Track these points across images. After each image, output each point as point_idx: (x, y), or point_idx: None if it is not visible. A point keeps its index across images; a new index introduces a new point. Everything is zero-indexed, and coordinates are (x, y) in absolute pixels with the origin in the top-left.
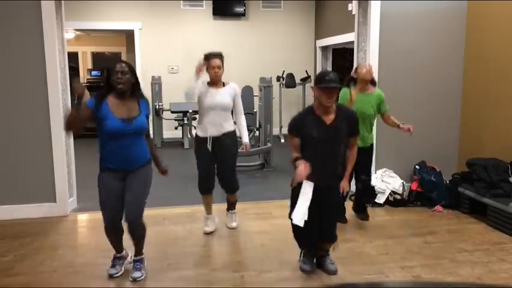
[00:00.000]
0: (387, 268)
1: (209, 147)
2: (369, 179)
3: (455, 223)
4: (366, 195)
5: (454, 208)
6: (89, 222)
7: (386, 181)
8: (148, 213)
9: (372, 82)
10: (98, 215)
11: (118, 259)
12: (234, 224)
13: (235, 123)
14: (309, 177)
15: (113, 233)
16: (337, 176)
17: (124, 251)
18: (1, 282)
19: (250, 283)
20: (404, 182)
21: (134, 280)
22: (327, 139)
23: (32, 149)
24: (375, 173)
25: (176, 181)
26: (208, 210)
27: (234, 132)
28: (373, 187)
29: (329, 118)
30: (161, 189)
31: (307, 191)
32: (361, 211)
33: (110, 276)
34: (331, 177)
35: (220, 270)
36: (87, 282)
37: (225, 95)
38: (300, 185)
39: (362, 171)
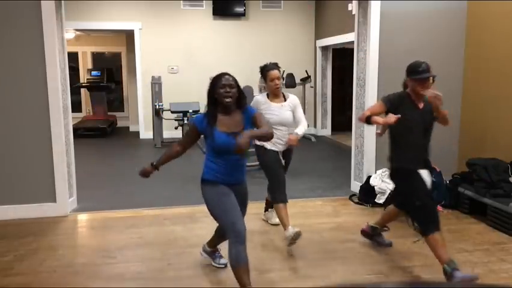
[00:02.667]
0: (387, 268)
1: (282, 160)
2: None
3: (455, 223)
4: None
5: (454, 208)
6: (89, 222)
7: (386, 181)
8: (148, 213)
9: None
10: (98, 215)
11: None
12: (277, 220)
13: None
14: (410, 164)
15: (244, 244)
16: (426, 161)
17: None
18: (1, 282)
19: (250, 283)
20: None
21: (225, 265)
22: (420, 123)
23: (32, 149)
24: (375, 172)
25: (176, 181)
26: (288, 221)
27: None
28: (373, 187)
29: (421, 103)
30: (161, 189)
31: (426, 177)
32: None
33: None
34: (421, 161)
35: (220, 270)
36: (87, 282)
37: (287, 110)
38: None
39: None
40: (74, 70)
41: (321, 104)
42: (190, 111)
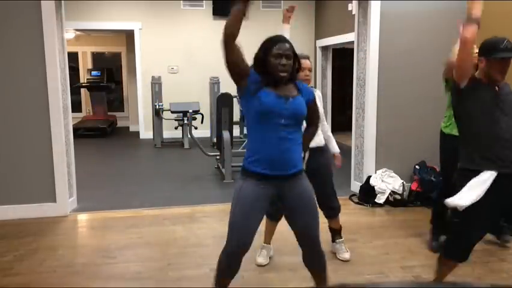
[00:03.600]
0: (387, 268)
1: (304, 165)
2: None
3: None
4: None
5: None
6: (89, 222)
7: (386, 181)
8: (148, 213)
9: None
10: (98, 215)
11: None
12: (347, 255)
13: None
14: (493, 163)
15: (232, 270)
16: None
17: None
18: (1, 282)
19: (250, 283)
20: (404, 182)
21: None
22: (503, 106)
23: (32, 149)
24: (375, 172)
25: (176, 181)
26: (268, 239)
27: (326, 145)
28: (373, 187)
29: (498, 86)
30: (161, 189)
31: (486, 181)
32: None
33: None
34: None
35: None
36: (87, 282)
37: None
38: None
39: None
40: (74, 70)
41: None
42: (190, 111)
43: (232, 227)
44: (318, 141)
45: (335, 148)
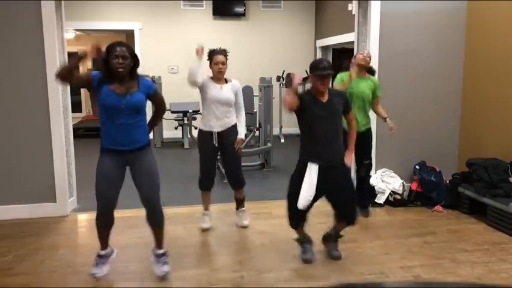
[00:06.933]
0: (387, 268)
1: (215, 143)
2: (370, 163)
3: (455, 223)
4: (367, 188)
5: (454, 208)
6: (89, 222)
7: (386, 181)
8: None
9: (370, 71)
10: None
11: (101, 257)
12: (246, 222)
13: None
14: (315, 158)
15: (105, 223)
16: (341, 154)
17: (108, 248)
18: (1, 282)
19: (250, 283)
20: (404, 182)
21: (165, 274)
22: (325, 115)
23: (32, 149)
24: (375, 172)
25: (176, 181)
26: (206, 206)
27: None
28: (373, 187)
29: (324, 98)
30: (162, 189)
31: (312, 173)
32: (362, 206)
33: (93, 276)
34: (336, 156)
35: (220, 270)
36: (87, 283)
37: (228, 90)
38: (302, 168)
39: (363, 156)
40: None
41: None
42: (190, 111)
43: (97, 193)
44: (226, 124)
45: (240, 134)
